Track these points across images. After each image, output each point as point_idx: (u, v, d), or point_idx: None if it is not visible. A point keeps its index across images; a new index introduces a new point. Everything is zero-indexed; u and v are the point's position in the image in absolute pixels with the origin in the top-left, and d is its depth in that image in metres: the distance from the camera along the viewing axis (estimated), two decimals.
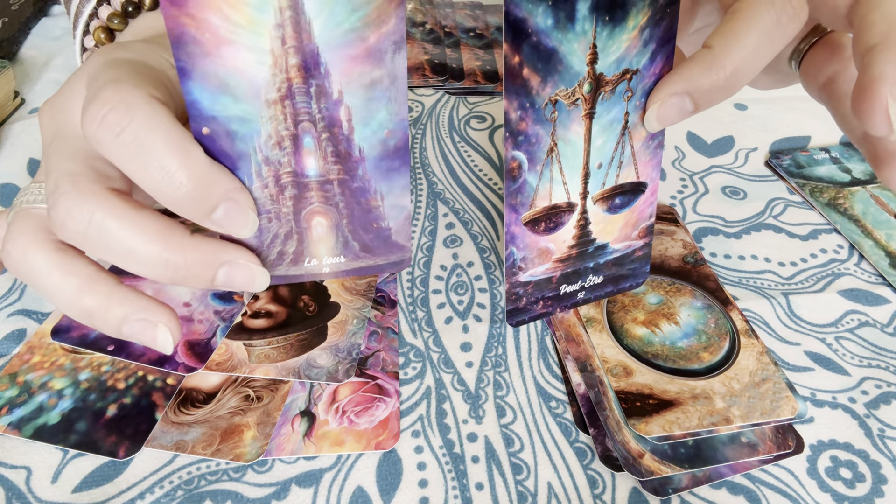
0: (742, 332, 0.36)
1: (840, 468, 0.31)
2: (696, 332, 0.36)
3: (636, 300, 0.37)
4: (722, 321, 0.36)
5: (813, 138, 0.51)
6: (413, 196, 0.45)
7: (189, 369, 0.32)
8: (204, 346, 0.33)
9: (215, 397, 0.32)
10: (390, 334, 0.36)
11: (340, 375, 0.33)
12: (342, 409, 0.32)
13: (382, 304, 0.37)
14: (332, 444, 0.30)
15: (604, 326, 0.36)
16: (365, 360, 0.34)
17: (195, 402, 0.32)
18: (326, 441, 0.31)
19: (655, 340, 0.35)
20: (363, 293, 0.37)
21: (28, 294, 0.37)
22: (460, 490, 0.29)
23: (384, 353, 0.35)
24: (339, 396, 0.32)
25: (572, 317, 0.36)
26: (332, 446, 0.30)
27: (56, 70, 0.55)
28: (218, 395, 0.32)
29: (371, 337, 0.35)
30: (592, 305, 0.37)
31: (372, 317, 0.36)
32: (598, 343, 0.35)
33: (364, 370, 0.34)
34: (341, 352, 0.34)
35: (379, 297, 0.38)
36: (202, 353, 0.33)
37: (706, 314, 0.37)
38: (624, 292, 0.37)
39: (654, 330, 0.36)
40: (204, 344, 0.33)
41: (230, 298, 0.36)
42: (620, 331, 0.36)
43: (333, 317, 0.36)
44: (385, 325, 0.36)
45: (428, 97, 0.54)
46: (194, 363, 0.32)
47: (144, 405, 0.31)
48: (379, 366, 0.34)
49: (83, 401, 0.31)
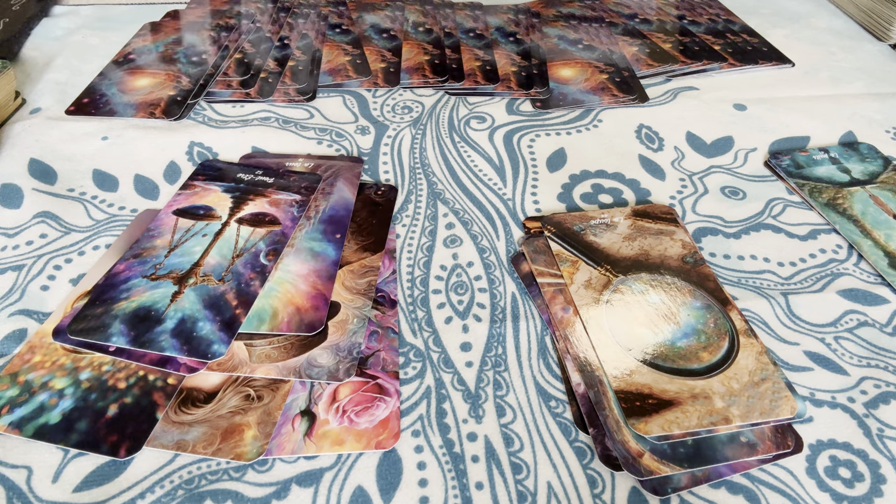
0: (741, 331, 0.36)
1: (839, 468, 0.31)
2: (695, 332, 0.36)
3: (636, 298, 0.37)
4: (721, 321, 0.36)
5: (812, 138, 0.51)
6: (413, 196, 0.45)
7: (191, 370, 0.32)
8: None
9: (216, 396, 0.32)
10: (390, 334, 0.36)
11: (341, 374, 0.33)
12: (342, 408, 0.32)
13: (382, 304, 0.37)
14: (333, 444, 0.30)
15: (604, 325, 0.36)
16: (365, 360, 0.34)
17: (196, 401, 0.32)
18: (327, 440, 0.31)
19: (655, 340, 0.35)
20: (364, 292, 0.37)
21: (28, 294, 0.37)
22: (460, 489, 0.30)
23: (384, 352, 0.35)
24: (340, 396, 0.33)
25: (572, 316, 0.36)
26: (332, 445, 0.30)
27: (56, 70, 0.55)
28: (219, 395, 0.32)
29: (371, 336, 0.35)
30: (592, 305, 0.37)
31: (372, 316, 0.36)
32: (598, 343, 0.35)
33: (364, 370, 0.34)
34: (342, 351, 0.34)
35: (379, 297, 0.38)
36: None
37: (706, 314, 0.37)
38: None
39: (654, 329, 0.36)
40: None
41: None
42: (620, 329, 0.36)
43: (334, 316, 0.36)
44: (385, 325, 0.36)
45: (428, 97, 0.54)
46: (196, 364, 0.32)
47: (145, 404, 0.31)
48: (379, 365, 0.34)
49: (84, 400, 0.31)
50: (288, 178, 0.45)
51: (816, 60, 0.61)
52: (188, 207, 0.42)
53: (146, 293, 0.36)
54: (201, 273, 0.38)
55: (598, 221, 0.42)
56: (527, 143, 0.50)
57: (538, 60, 0.59)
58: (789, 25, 0.67)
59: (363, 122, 0.51)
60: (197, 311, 0.35)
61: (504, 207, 0.44)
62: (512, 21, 0.65)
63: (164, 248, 0.39)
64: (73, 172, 0.45)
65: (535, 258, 0.40)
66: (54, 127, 0.48)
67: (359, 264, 0.40)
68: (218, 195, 0.44)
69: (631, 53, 0.60)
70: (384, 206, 0.44)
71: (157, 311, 0.35)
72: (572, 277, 0.38)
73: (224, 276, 0.38)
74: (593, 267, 0.39)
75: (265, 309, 0.36)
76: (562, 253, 0.40)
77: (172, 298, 0.36)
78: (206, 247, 0.39)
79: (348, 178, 0.46)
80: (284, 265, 0.39)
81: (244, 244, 0.40)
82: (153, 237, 0.40)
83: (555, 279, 0.38)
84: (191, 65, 0.55)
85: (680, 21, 0.66)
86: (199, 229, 0.41)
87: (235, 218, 0.42)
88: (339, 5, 0.66)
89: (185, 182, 0.44)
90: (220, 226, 0.41)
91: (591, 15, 0.67)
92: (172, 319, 0.35)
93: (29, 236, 0.40)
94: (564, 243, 0.41)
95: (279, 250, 0.40)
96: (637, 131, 0.52)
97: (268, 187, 0.44)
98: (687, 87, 0.57)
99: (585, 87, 0.56)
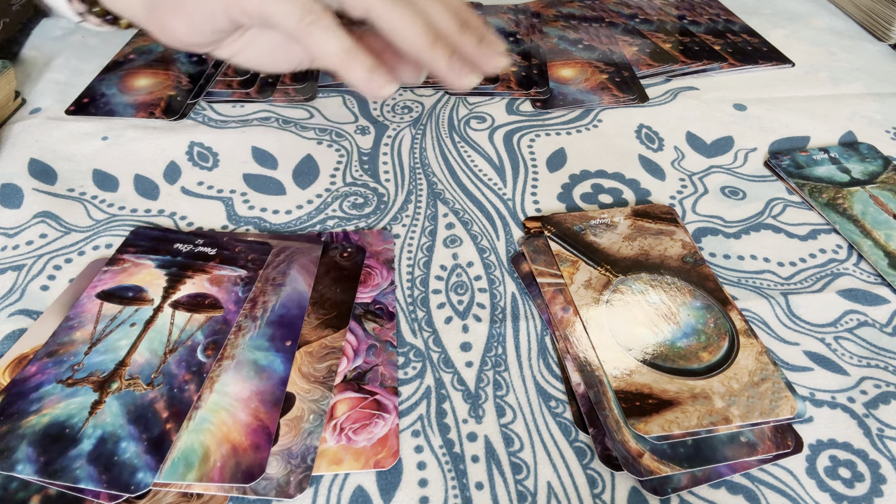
0: (741, 331, 0.36)
1: (839, 468, 0.31)
2: (695, 332, 0.35)
3: (636, 299, 0.37)
4: (721, 321, 0.36)
5: (812, 138, 0.51)
6: (413, 196, 0.45)
7: (112, 498, 0.28)
8: None
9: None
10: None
11: (292, 489, 0.29)
12: (340, 426, 0.31)
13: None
14: (330, 463, 0.30)
15: (603, 326, 0.36)
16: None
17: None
18: (324, 459, 0.30)
19: (655, 340, 0.35)
20: (323, 381, 0.33)
21: (28, 294, 0.37)
22: (460, 490, 0.30)
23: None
24: (337, 413, 0.32)
25: (572, 316, 0.36)
26: (329, 465, 0.30)
27: (56, 70, 0.55)
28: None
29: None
30: (592, 305, 0.37)
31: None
32: (598, 343, 0.35)
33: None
34: (294, 458, 0.30)
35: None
36: None
37: (705, 314, 0.37)
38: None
39: (654, 329, 0.36)
40: None
41: None
42: (620, 329, 0.36)
43: (287, 412, 0.31)
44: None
45: (428, 97, 0.54)
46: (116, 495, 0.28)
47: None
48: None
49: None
50: (233, 247, 0.39)
51: (816, 60, 0.61)
52: (115, 289, 0.36)
53: (61, 403, 0.31)
54: (127, 375, 0.32)
55: (598, 221, 0.42)
56: (527, 143, 0.50)
57: (538, 60, 0.59)
58: (789, 25, 0.67)
59: (363, 122, 0.51)
60: (120, 426, 0.30)
61: (504, 207, 0.44)
62: (512, 21, 0.65)
63: (84, 343, 0.33)
64: (73, 172, 0.45)
65: (535, 258, 0.40)
66: (54, 127, 0.48)
67: (318, 344, 0.34)
68: (151, 272, 0.37)
69: (631, 53, 0.60)
70: (350, 270, 0.38)
71: (73, 427, 0.30)
72: (572, 277, 0.38)
73: (154, 377, 0.32)
74: (593, 267, 0.39)
75: (194, 449, 0.30)
76: (562, 253, 0.40)
77: (91, 410, 0.31)
78: (134, 340, 0.34)
79: (304, 263, 0.39)
80: (222, 384, 0.32)
81: (179, 335, 0.34)
82: (72, 329, 0.34)
83: (555, 279, 0.38)
84: (191, 65, 0.55)
85: (680, 21, 0.66)
86: (126, 316, 0.35)
87: (170, 301, 0.36)
88: None
89: (114, 255, 0.39)
90: (151, 311, 0.35)
91: (591, 15, 0.67)
92: (90, 439, 0.29)
93: (29, 236, 0.40)
94: (564, 243, 0.40)
95: (220, 342, 0.34)
96: (637, 131, 0.52)
97: (209, 260, 0.38)
98: (687, 87, 0.57)
99: (585, 87, 0.56)
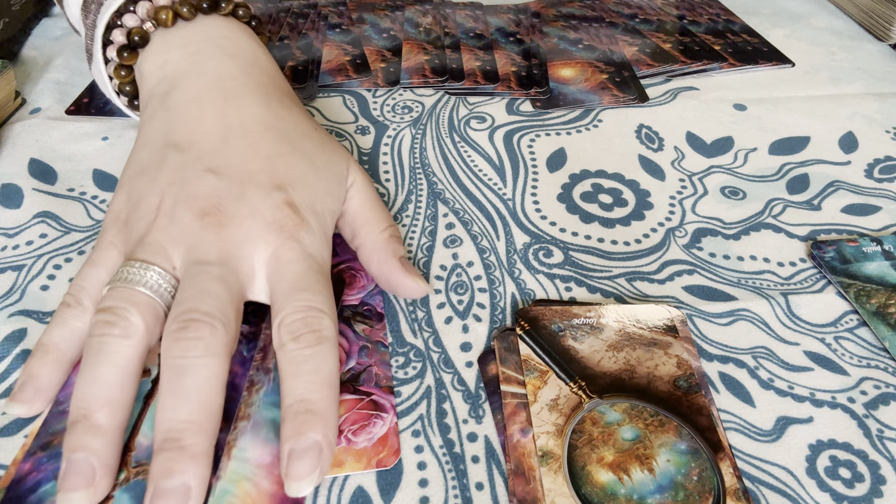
0: (730, 492, 0.28)
1: (839, 468, 0.31)
2: (672, 486, 0.29)
3: (608, 432, 0.31)
4: (707, 474, 0.29)
5: (812, 139, 0.51)
6: (414, 196, 0.45)
7: None
8: None
9: None
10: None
11: None
12: (339, 428, 0.31)
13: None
14: (333, 466, 0.30)
15: (561, 465, 0.30)
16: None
17: None
18: None
19: (621, 492, 0.29)
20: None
21: (28, 294, 0.37)
22: (460, 490, 0.30)
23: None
24: None
25: (530, 443, 0.30)
26: (331, 468, 0.30)
27: (56, 70, 0.55)
28: None
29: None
30: (553, 436, 0.31)
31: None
32: (550, 488, 0.29)
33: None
34: None
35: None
36: None
37: (689, 462, 0.30)
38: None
39: (622, 476, 0.29)
40: None
41: None
42: (580, 473, 0.29)
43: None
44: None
45: (428, 97, 0.54)
46: None
47: None
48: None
49: None
50: None
51: (816, 60, 0.61)
52: None
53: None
54: (133, 462, 0.28)
55: (581, 321, 0.35)
56: (527, 143, 0.50)
57: (538, 60, 0.59)
58: (789, 25, 0.67)
59: (363, 122, 0.51)
60: None
61: (504, 207, 0.44)
62: (513, 21, 0.65)
63: None
64: (73, 172, 0.45)
65: (505, 358, 0.34)
66: (54, 127, 0.48)
67: None
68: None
69: (631, 53, 0.60)
70: (333, 276, 0.37)
71: None
72: (537, 394, 0.32)
73: None
74: (565, 382, 0.33)
75: None
76: (531, 359, 0.33)
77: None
78: (136, 420, 0.29)
79: None
80: (240, 449, 0.29)
81: None
82: (64, 413, 0.29)
83: (520, 388, 0.33)
84: None
85: (680, 21, 0.66)
86: None
87: None
88: (339, 5, 0.66)
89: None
90: (150, 384, 0.31)
91: (591, 15, 0.67)
92: None
93: (29, 236, 0.40)
94: (536, 346, 0.34)
95: (231, 410, 0.30)
96: (637, 131, 0.52)
97: None
98: (687, 87, 0.57)
99: (585, 87, 0.56)
